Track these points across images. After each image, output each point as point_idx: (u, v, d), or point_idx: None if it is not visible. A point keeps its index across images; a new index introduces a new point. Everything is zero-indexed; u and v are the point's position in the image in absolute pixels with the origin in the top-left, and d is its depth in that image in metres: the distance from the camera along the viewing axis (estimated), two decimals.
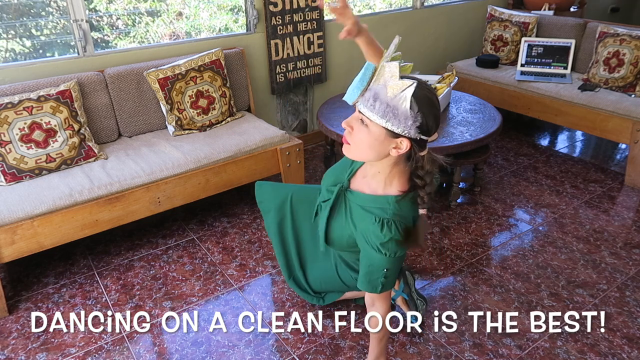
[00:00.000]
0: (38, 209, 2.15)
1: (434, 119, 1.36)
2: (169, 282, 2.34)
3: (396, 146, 1.37)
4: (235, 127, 2.84)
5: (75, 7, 2.64)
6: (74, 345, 1.99)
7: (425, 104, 1.32)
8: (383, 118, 1.31)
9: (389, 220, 1.46)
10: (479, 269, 2.38)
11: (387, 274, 1.51)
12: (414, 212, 1.51)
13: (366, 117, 1.35)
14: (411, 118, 1.30)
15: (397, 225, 1.45)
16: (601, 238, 2.61)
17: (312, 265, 2.04)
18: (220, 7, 3.27)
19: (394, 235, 1.45)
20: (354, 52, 3.80)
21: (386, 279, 1.52)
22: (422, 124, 1.33)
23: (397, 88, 1.30)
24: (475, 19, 4.50)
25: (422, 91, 1.33)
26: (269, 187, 2.04)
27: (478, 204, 2.95)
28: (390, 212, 1.47)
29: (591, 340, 1.95)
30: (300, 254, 2.05)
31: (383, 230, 1.45)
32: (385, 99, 1.31)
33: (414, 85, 1.30)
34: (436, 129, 1.39)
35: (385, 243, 1.46)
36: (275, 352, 1.93)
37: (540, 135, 3.97)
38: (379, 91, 1.32)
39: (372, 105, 1.32)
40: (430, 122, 1.34)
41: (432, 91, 1.37)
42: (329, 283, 2.00)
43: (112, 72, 2.69)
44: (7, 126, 2.31)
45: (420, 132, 1.34)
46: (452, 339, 1.97)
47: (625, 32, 3.36)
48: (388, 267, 1.50)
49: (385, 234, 1.45)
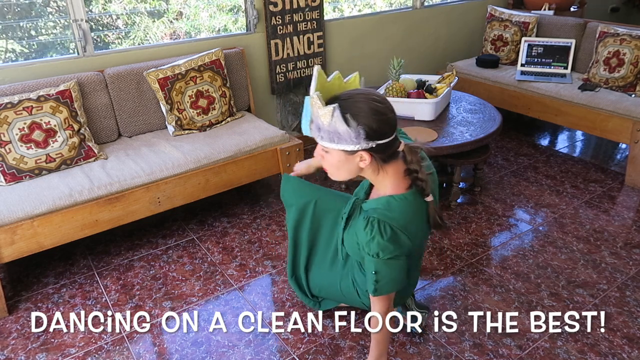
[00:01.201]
0: (38, 209, 2.15)
1: (380, 121, 1.39)
2: (169, 282, 2.34)
3: (361, 159, 1.43)
4: (235, 127, 2.84)
5: (75, 7, 2.64)
6: (74, 345, 1.99)
7: (362, 114, 1.38)
8: (333, 143, 1.41)
9: (374, 218, 1.47)
10: (479, 269, 2.38)
11: (378, 277, 1.51)
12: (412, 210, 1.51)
13: (323, 146, 1.45)
14: (354, 133, 1.37)
15: (381, 225, 1.45)
16: (601, 238, 2.61)
17: (317, 271, 2.02)
18: (220, 7, 3.27)
19: (375, 234, 1.45)
20: (354, 52, 3.80)
21: (378, 282, 1.51)
22: (369, 133, 1.38)
23: (326, 115, 1.38)
24: (475, 19, 4.50)
25: (354, 104, 1.39)
26: (296, 185, 1.99)
27: (478, 204, 2.95)
28: (379, 211, 1.49)
29: (591, 340, 1.95)
30: (310, 257, 2.04)
31: (366, 228, 1.47)
32: (324, 127, 1.40)
33: (336, 106, 1.36)
34: (390, 127, 1.42)
35: (367, 242, 1.47)
36: (275, 352, 1.93)
37: (540, 135, 3.97)
38: (317, 122, 1.41)
39: (320, 136, 1.43)
40: (375, 126, 1.38)
41: (368, 96, 1.41)
42: (328, 291, 2.00)
43: (112, 72, 2.69)
44: (7, 126, 2.30)
45: (372, 139, 1.39)
46: (452, 339, 1.96)
47: (625, 32, 3.36)
48: (376, 269, 1.50)
49: (367, 232, 1.47)
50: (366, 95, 1.42)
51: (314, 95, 1.38)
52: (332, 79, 1.48)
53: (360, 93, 1.43)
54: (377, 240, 1.45)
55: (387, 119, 1.41)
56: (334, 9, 3.82)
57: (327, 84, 1.45)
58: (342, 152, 1.42)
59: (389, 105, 1.44)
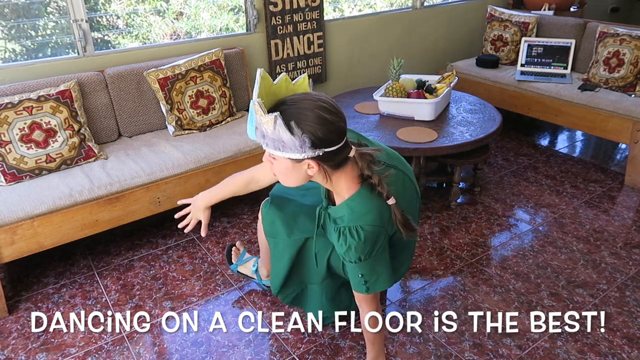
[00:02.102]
0: (38, 209, 2.15)
1: (326, 129, 1.31)
2: (169, 282, 2.34)
3: (308, 167, 1.37)
4: (235, 127, 2.84)
5: (75, 7, 2.64)
6: (74, 345, 1.99)
7: (307, 121, 1.30)
8: (278, 151, 1.33)
9: (344, 228, 1.46)
10: (479, 269, 2.38)
11: (365, 278, 1.51)
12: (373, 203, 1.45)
13: (270, 153, 1.38)
14: (298, 141, 1.29)
15: (352, 231, 1.44)
16: (601, 238, 2.61)
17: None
18: (220, 7, 3.27)
19: (350, 242, 1.44)
20: (354, 52, 3.80)
21: (367, 282, 1.51)
22: (314, 141, 1.30)
23: (269, 123, 1.29)
24: (475, 19, 4.50)
25: (299, 111, 1.31)
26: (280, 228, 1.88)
27: (478, 204, 2.95)
28: (346, 219, 1.46)
29: (591, 340, 1.95)
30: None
31: (340, 240, 1.46)
32: (268, 135, 1.32)
33: (278, 115, 1.28)
34: (338, 134, 1.34)
35: (346, 252, 1.47)
36: (275, 352, 1.93)
37: (540, 135, 3.97)
38: (261, 129, 1.33)
39: (265, 143, 1.35)
40: (321, 134, 1.30)
41: (315, 102, 1.32)
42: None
43: (112, 72, 2.69)
44: (7, 126, 2.31)
45: (319, 147, 1.32)
46: (452, 339, 1.97)
47: (625, 32, 3.36)
48: (362, 272, 1.50)
49: (341, 244, 1.46)
50: (313, 100, 1.33)
51: (255, 102, 1.28)
52: (279, 82, 1.40)
53: (307, 99, 1.34)
54: (354, 247, 1.44)
55: (335, 127, 1.33)
56: (334, 9, 3.83)
57: (273, 88, 1.37)
58: (288, 160, 1.35)
59: (338, 110, 1.35)
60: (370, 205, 1.45)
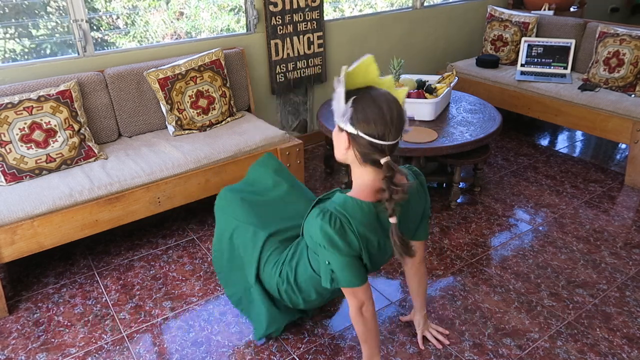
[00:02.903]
0: (38, 209, 2.15)
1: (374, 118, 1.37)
2: (169, 282, 2.34)
3: (345, 141, 1.44)
4: (235, 127, 2.84)
5: (75, 7, 2.64)
6: (74, 345, 1.99)
7: (362, 101, 1.39)
8: (335, 113, 1.43)
9: (327, 209, 1.46)
10: (479, 269, 2.38)
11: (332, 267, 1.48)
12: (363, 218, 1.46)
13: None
14: (343, 107, 1.39)
15: (331, 217, 1.43)
16: (601, 238, 2.61)
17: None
18: (220, 8, 3.27)
19: (323, 224, 1.43)
20: (354, 52, 3.80)
21: (334, 272, 1.49)
22: (356, 117, 1.38)
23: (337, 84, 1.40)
24: (475, 19, 4.50)
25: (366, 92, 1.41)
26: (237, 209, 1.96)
27: (478, 204, 2.95)
28: (333, 205, 1.47)
29: (591, 340, 1.95)
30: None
31: (317, 216, 1.45)
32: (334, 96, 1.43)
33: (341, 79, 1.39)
34: (380, 133, 1.38)
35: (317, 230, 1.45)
36: (275, 352, 1.93)
37: (540, 135, 3.97)
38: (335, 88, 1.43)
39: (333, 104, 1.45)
40: (364, 117, 1.37)
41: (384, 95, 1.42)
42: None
43: (112, 72, 2.69)
44: (7, 126, 2.31)
45: (353, 125, 1.39)
46: (452, 339, 1.97)
47: (625, 32, 3.36)
48: (329, 259, 1.48)
49: (316, 220, 1.45)
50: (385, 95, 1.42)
51: (343, 68, 1.40)
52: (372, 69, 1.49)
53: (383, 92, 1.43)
54: (325, 229, 1.43)
55: (381, 123, 1.38)
56: (334, 9, 3.83)
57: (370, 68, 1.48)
58: (337, 125, 1.46)
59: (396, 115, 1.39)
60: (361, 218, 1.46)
